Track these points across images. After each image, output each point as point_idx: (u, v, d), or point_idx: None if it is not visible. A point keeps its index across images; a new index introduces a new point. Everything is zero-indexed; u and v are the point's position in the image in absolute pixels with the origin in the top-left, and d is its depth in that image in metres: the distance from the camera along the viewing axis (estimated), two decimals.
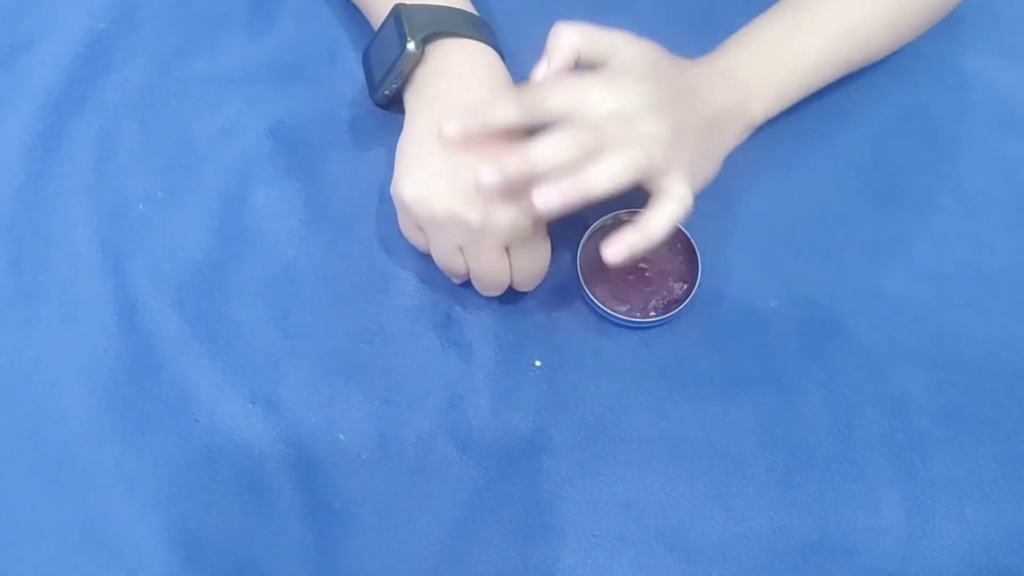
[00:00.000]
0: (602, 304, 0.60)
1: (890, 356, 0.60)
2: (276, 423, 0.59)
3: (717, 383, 0.60)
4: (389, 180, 0.57)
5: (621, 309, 0.60)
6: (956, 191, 0.65)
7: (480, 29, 0.60)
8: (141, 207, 0.64)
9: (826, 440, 0.58)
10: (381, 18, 0.61)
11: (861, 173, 0.65)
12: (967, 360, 0.60)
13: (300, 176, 0.65)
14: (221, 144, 0.66)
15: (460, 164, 0.55)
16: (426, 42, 0.58)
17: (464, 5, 0.62)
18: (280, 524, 0.57)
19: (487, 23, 0.62)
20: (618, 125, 0.52)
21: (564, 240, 0.61)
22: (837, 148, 0.66)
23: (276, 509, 0.57)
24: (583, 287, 0.60)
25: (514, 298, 0.61)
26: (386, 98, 0.62)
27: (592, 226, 0.61)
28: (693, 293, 0.60)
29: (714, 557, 0.56)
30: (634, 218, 0.53)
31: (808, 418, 0.59)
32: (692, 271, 0.60)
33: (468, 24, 0.60)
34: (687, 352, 0.61)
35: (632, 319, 0.60)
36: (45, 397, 0.60)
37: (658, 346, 0.61)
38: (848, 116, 0.66)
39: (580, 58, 0.55)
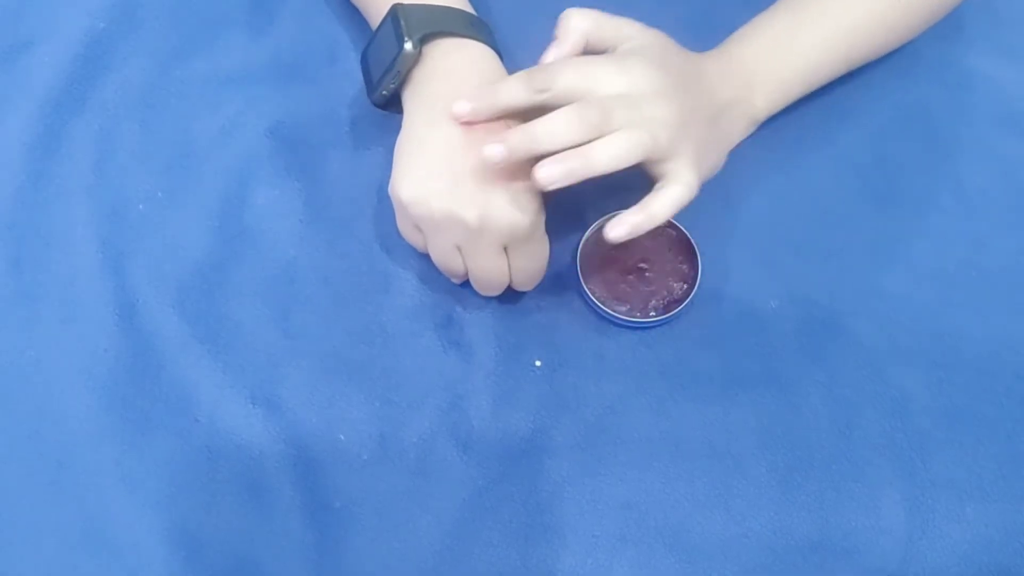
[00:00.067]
0: (602, 304, 0.60)
1: (890, 356, 0.60)
2: (276, 423, 0.59)
3: (717, 383, 0.60)
4: (389, 180, 0.57)
5: (621, 309, 0.60)
6: (956, 191, 0.65)
7: (478, 29, 0.60)
8: (141, 207, 0.64)
9: (826, 440, 0.58)
10: (379, 18, 0.61)
11: (861, 173, 0.65)
12: (967, 360, 0.60)
13: (300, 176, 0.65)
14: (221, 144, 0.66)
15: (458, 164, 0.54)
16: (423, 42, 0.58)
17: (462, 5, 0.62)
18: (280, 524, 0.57)
19: (485, 23, 0.62)
20: (626, 106, 0.52)
21: (564, 240, 0.61)
22: (837, 148, 0.66)
23: (276, 509, 0.57)
24: (583, 287, 0.60)
25: (514, 298, 0.61)
26: (384, 98, 0.62)
27: (592, 226, 0.61)
28: (693, 293, 0.60)
29: (714, 557, 0.56)
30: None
31: (808, 418, 0.59)
32: (692, 271, 0.60)
33: (466, 24, 0.60)
34: (687, 352, 0.61)
35: (632, 319, 0.60)
36: (45, 397, 0.60)
37: (658, 346, 0.61)
38: (848, 115, 0.66)
39: (589, 43, 0.55)
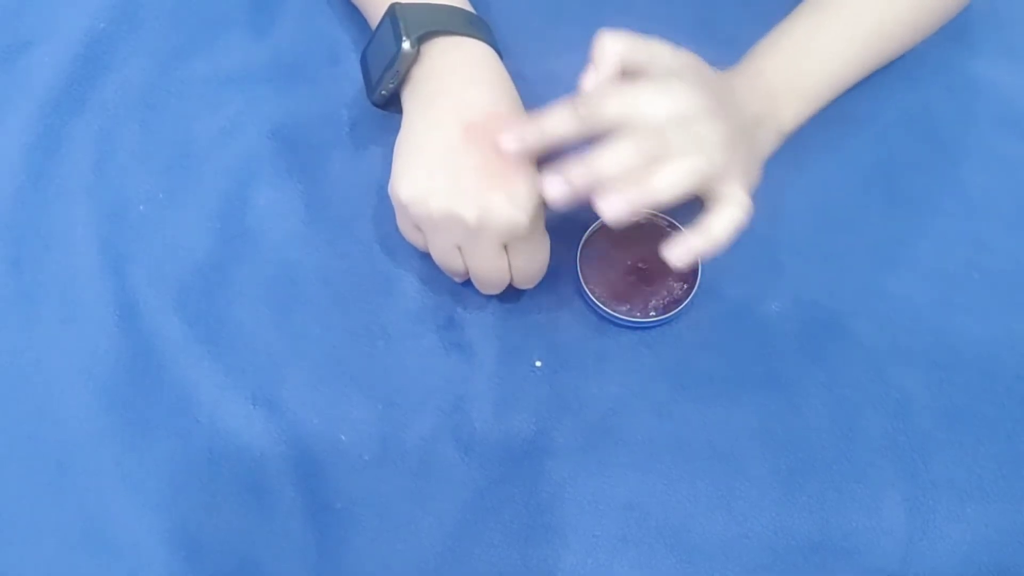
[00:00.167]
0: (602, 304, 0.60)
1: (891, 357, 0.60)
2: (277, 424, 0.59)
3: (718, 384, 0.60)
4: (389, 180, 0.57)
5: (621, 309, 0.60)
6: (958, 192, 0.65)
7: (477, 27, 0.60)
8: (141, 208, 0.64)
9: (827, 441, 0.58)
10: (379, 18, 0.61)
11: (864, 174, 0.65)
12: (968, 361, 0.60)
13: (301, 177, 0.65)
14: (222, 145, 0.66)
15: (457, 163, 0.54)
16: (421, 41, 0.58)
17: (461, 3, 0.61)
18: (281, 525, 0.57)
19: (484, 21, 0.61)
20: (677, 130, 0.51)
21: (564, 240, 0.61)
22: (840, 149, 0.66)
23: (277, 510, 0.57)
24: (583, 287, 0.60)
25: (514, 299, 0.61)
26: (384, 98, 0.62)
27: (592, 226, 0.61)
28: (693, 293, 0.60)
29: (716, 558, 0.56)
30: (639, 217, 0.52)
31: (810, 419, 0.59)
32: (692, 271, 0.60)
33: (465, 22, 0.60)
34: (688, 353, 0.61)
35: (632, 319, 0.60)
36: (45, 397, 0.60)
37: (659, 347, 0.61)
38: (851, 117, 0.65)
39: (624, 65, 0.54)
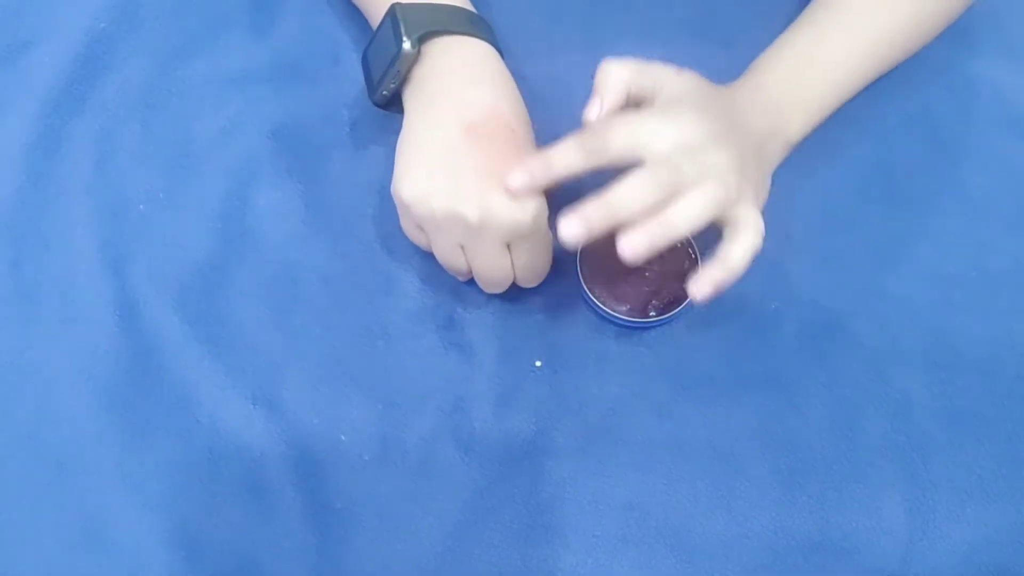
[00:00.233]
0: (602, 304, 0.60)
1: (892, 357, 0.60)
2: (277, 424, 0.59)
3: (719, 384, 0.60)
4: (391, 180, 0.57)
5: (621, 309, 0.60)
6: (959, 193, 0.65)
7: (477, 26, 0.60)
8: (142, 207, 0.64)
9: (828, 441, 0.58)
10: (379, 18, 0.61)
11: (864, 175, 0.65)
12: (968, 361, 0.60)
13: (302, 177, 0.65)
14: (222, 144, 0.66)
15: (459, 162, 0.54)
16: (422, 41, 0.58)
17: (462, 2, 0.61)
18: (281, 525, 0.57)
19: (485, 20, 0.61)
20: (688, 160, 0.51)
21: None
22: (840, 150, 0.66)
23: (277, 510, 0.57)
24: (583, 287, 0.60)
25: (515, 299, 0.61)
26: (385, 98, 0.62)
27: None
28: None
29: (716, 558, 0.56)
30: None
31: (810, 419, 0.59)
32: (692, 271, 0.60)
33: (465, 21, 0.60)
34: (688, 353, 0.61)
35: (632, 319, 0.60)
36: (45, 397, 0.60)
37: (659, 347, 0.61)
38: (852, 119, 0.65)
39: (629, 93, 0.54)
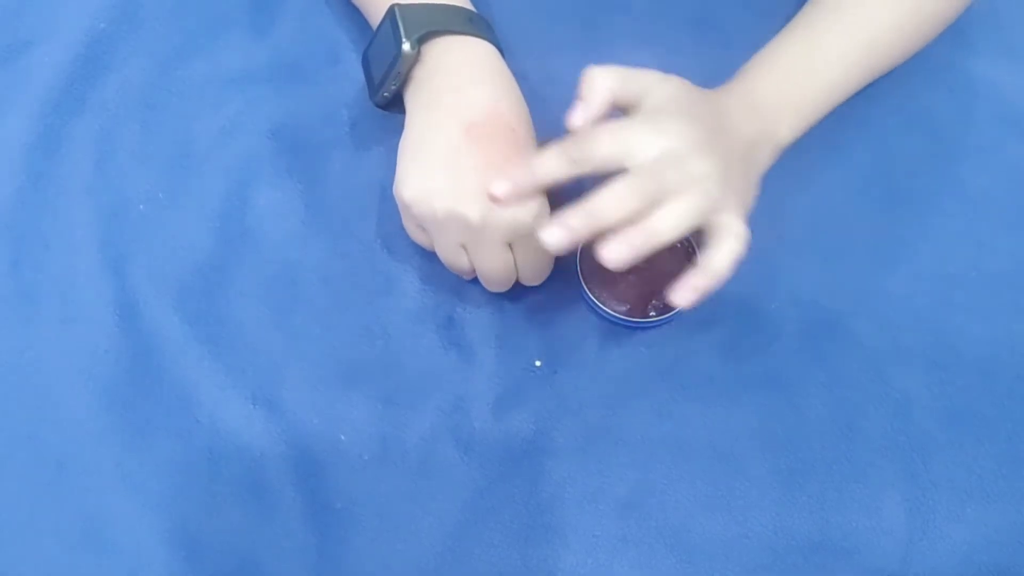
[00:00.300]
0: (602, 304, 0.60)
1: (892, 357, 0.60)
2: (277, 424, 0.59)
3: (718, 384, 0.60)
4: (391, 180, 0.57)
5: (621, 309, 0.60)
6: (959, 193, 0.65)
7: (477, 25, 0.60)
8: (141, 207, 0.64)
9: (828, 441, 0.58)
10: (379, 18, 0.61)
11: (863, 174, 0.65)
12: (968, 361, 0.60)
13: (301, 177, 0.65)
14: (222, 144, 0.66)
15: (460, 163, 0.54)
16: (422, 41, 0.58)
17: (462, 2, 0.61)
18: (281, 525, 0.57)
19: (485, 19, 0.61)
20: (672, 168, 0.51)
21: None
22: (840, 149, 0.66)
23: (277, 510, 0.57)
24: (583, 287, 0.60)
25: (514, 299, 0.61)
26: (386, 99, 0.62)
27: None
28: None
29: (716, 558, 0.56)
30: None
31: (810, 419, 0.59)
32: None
33: (464, 20, 0.59)
34: (688, 353, 0.61)
35: (632, 319, 0.60)
36: (45, 397, 0.60)
37: (658, 347, 0.61)
38: (851, 118, 0.65)
39: (614, 99, 0.53)
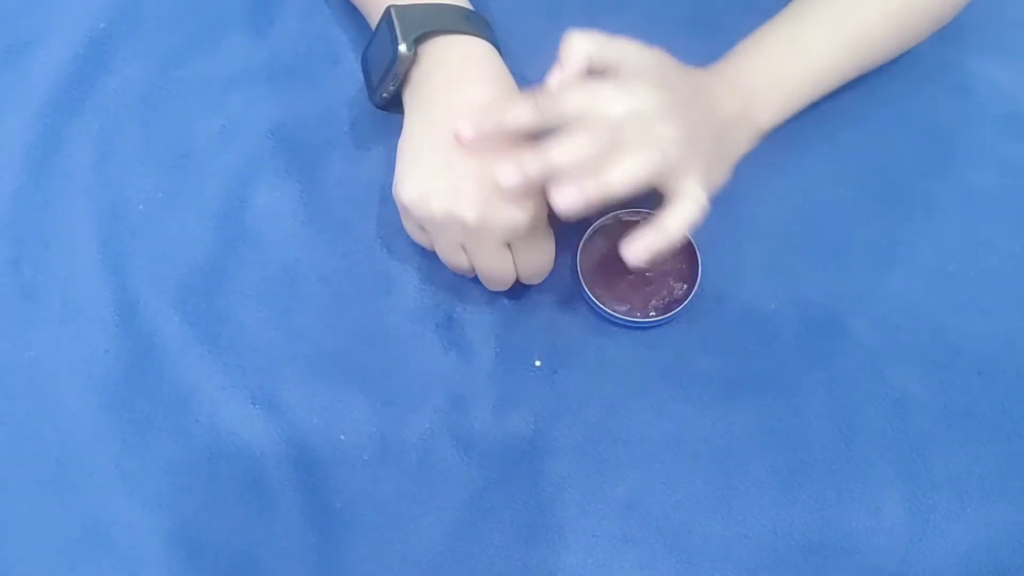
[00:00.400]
0: (602, 304, 0.60)
1: (891, 356, 0.60)
2: (277, 424, 0.59)
3: (718, 384, 0.60)
4: (390, 181, 0.57)
5: (621, 309, 0.60)
6: (958, 192, 0.65)
7: (474, 24, 0.60)
8: (141, 207, 0.64)
9: (827, 441, 0.58)
10: (378, 19, 0.60)
11: (862, 174, 0.65)
12: (968, 360, 0.60)
13: (301, 177, 0.65)
14: (221, 144, 0.66)
15: (457, 164, 0.54)
16: (419, 42, 0.58)
17: (459, 0, 0.61)
18: (281, 525, 0.57)
19: (482, 17, 0.61)
20: (634, 126, 0.52)
21: (564, 240, 0.61)
22: (838, 149, 0.66)
23: (277, 510, 0.57)
24: (583, 287, 0.60)
25: (514, 298, 0.61)
26: (385, 100, 0.62)
27: (592, 226, 0.61)
28: (693, 293, 0.60)
29: (715, 558, 0.56)
30: (638, 217, 0.53)
31: (809, 419, 0.59)
32: (692, 271, 0.60)
33: (461, 20, 0.59)
34: (688, 353, 0.61)
35: (632, 319, 0.60)
36: (45, 397, 0.60)
37: (658, 347, 0.61)
38: (850, 117, 0.65)
39: (592, 65, 0.55)
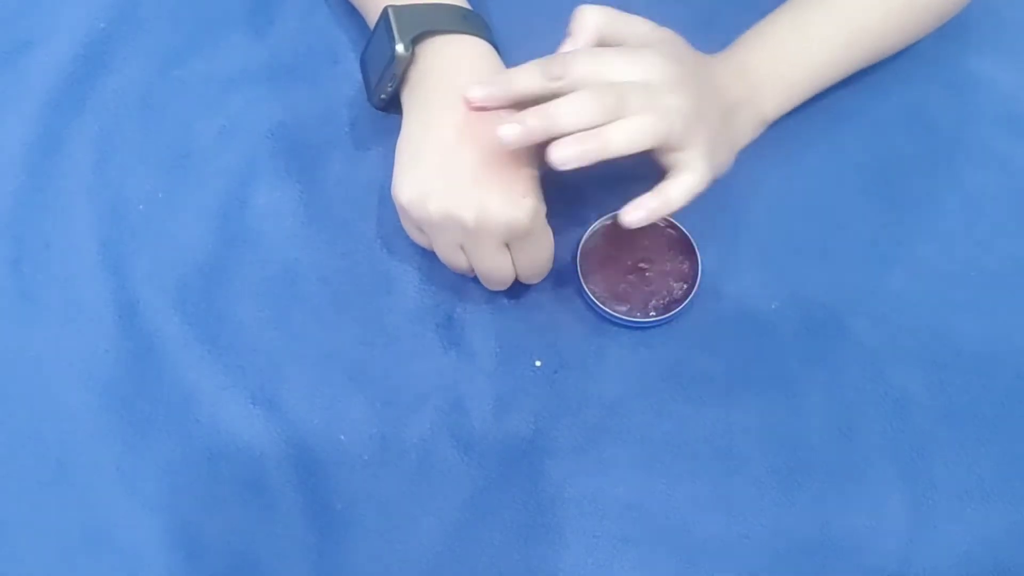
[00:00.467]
0: (602, 304, 0.60)
1: (891, 356, 0.60)
2: (277, 424, 0.59)
3: (718, 384, 0.60)
4: (390, 181, 0.57)
5: (621, 309, 0.60)
6: (958, 191, 0.65)
7: (472, 23, 0.60)
8: (141, 207, 0.64)
9: (827, 441, 0.58)
10: (376, 19, 0.60)
11: (862, 173, 0.65)
12: (968, 360, 0.60)
13: (301, 177, 0.65)
14: (221, 144, 0.66)
15: (456, 164, 0.54)
16: (416, 42, 0.58)
17: (457, 0, 0.61)
18: (281, 525, 0.57)
19: (480, 16, 0.61)
20: (642, 93, 0.52)
21: (564, 240, 0.61)
22: (838, 148, 0.66)
23: (277, 510, 0.57)
24: (583, 287, 0.60)
25: (514, 298, 0.61)
26: (383, 101, 0.62)
27: (592, 226, 0.61)
28: (693, 293, 0.60)
29: (716, 558, 0.56)
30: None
31: (809, 419, 0.59)
32: (692, 271, 0.60)
33: (459, 19, 0.59)
34: (688, 353, 0.61)
35: (632, 319, 0.60)
36: (45, 397, 0.60)
37: (658, 346, 0.61)
38: (850, 116, 0.65)
39: (602, 38, 0.55)
